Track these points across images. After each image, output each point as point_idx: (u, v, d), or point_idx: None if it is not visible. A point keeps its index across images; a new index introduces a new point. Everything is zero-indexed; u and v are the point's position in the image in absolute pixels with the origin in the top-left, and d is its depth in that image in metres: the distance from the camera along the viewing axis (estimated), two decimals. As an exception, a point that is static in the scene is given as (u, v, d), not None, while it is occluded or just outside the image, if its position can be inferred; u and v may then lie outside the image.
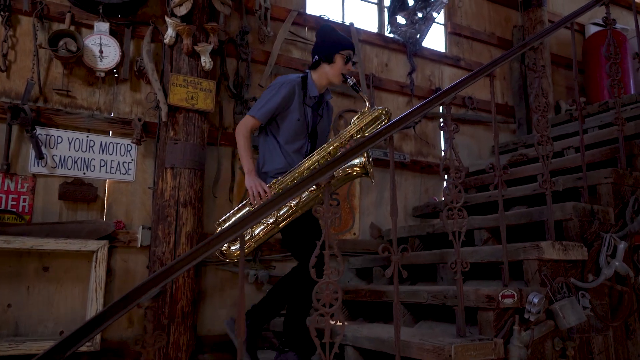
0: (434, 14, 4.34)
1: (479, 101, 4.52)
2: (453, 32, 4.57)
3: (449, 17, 4.62)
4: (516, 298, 2.10)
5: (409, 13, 4.24)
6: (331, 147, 2.48)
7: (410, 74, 4.20)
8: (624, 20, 5.51)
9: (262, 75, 3.56)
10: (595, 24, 5.19)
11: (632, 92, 4.73)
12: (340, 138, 2.51)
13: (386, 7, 4.28)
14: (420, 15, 4.31)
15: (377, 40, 4.13)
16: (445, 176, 4.22)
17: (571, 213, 2.47)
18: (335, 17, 4.02)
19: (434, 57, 4.38)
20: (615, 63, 2.83)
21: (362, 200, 3.84)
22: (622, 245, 2.47)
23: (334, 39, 2.61)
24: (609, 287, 2.50)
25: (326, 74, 2.60)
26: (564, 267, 2.34)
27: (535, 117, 2.47)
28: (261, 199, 2.33)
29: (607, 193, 2.65)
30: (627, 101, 3.80)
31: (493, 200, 3.28)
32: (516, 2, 4.99)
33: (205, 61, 3.04)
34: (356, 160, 2.39)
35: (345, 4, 4.13)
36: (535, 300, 2.09)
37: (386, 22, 4.25)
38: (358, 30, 4.03)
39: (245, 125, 2.49)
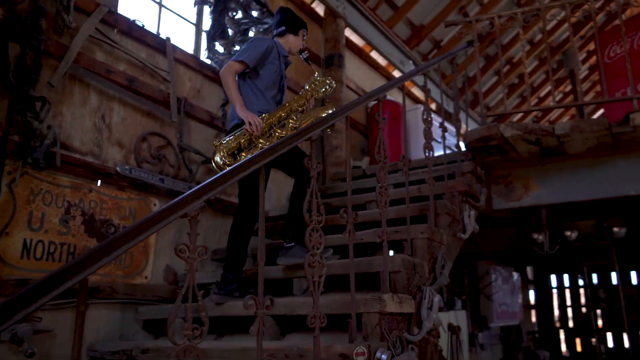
0: (250, 51, 4.21)
1: (283, 146, 4.48)
2: (265, 73, 4.50)
3: (262, 57, 4.55)
4: (366, 355, 1.96)
5: (227, 43, 4.02)
6: (296, 104, 2.91)
7: (223, 106, 3.92)
8: (396, 94, 6.33)
9: (54, 73, 2.82)
10: (379, 93, 5.79)
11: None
12: (302, 97, 2.94)
13: (205, 31, 3.97)
14: (237, 48, 4.12)
15: (192, 62, 3.76)
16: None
17: (400, 265, 2.50)
18: (151, 27, 3.53)
19: (246, 93, 4.21)
20: (429, 129, 3.09)
21: (158, 238, 3.31)
22: (437, 299, 2.60)
23: (297, 18, 3.14)
24: (424, 338, 2.58)
25: (290, 43, 3.06)
26: (396, 320, 2.32)
27: (377, 168, 2.46)
28: (256, 129, 2.70)
29: (423, 248, 2.80)
30: (414, 165, 4.23)
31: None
32: (319, 59, 5.24)
33: (-17, 36, 2.25)
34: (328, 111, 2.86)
35: (162, 15, 3.67)
36: (384, 357, 1.99)
37: (204, 46, 3.93)
38: (174, 47, 3.61)
39: (230, 68, 2.79)
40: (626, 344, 8.71)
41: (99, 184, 2.99)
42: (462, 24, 3.97)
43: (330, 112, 2.79)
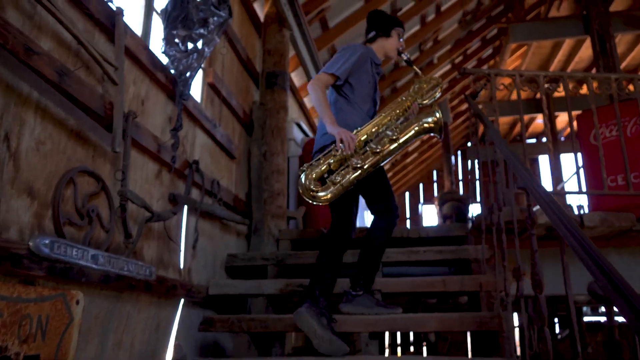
0: (206, 50, 2.92)
1: (222, 190, 3.22)
2: (212, 85, 3.18)
3: (209, 63, 3.23)
4: None
5: (185, 37, 2.67)
6: (398, 110, 2.48)
7: (176, 130, 2.54)
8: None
9: None
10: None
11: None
12: (403, 103, 2.50)
13: (158, 12, 2.56)
14: (192, 45, 2.79)
15: (143, 56, 2.33)
16: (181, 299, 2.68)
17: None
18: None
19: (195, 112, 2.86)
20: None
21: (78, 354, 1.83)
22: None
23: (388, 17, 2.71)
24: None
25: (383, 47, 2.67)
26: None
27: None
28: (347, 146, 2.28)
29: None
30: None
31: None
32: (257, 75, 4.07)
33: None
34: (429, 119, 2.46)
35: (107, -30, 2.18)
36: None
37: (154, 34, 2.52)
38: (126, 27, 2.17)
39: (320, 81, 2.45)
40: None
41: (-9, 276, 1.46)
42: (478, 75, 3.33)
43: (435, 118, 2.44)
